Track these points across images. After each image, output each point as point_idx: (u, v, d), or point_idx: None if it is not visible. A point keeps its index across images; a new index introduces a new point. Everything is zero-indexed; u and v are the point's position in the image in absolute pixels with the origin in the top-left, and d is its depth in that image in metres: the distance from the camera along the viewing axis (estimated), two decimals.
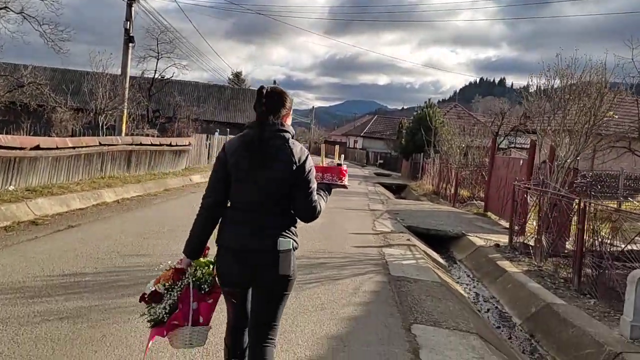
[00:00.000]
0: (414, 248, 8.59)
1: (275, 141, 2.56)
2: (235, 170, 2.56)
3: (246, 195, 2.56)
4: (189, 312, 2.59)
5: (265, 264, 2.54)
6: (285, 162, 2.54)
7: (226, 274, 2.61)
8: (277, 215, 2.58)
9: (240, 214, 2.58)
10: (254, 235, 2.53)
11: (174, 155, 19.90)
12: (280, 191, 2.55)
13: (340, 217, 11.33)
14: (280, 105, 2.62)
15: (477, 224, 12.87)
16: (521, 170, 12.78)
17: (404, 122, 51.15)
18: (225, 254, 2.59)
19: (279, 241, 2.53)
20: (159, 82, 32.07)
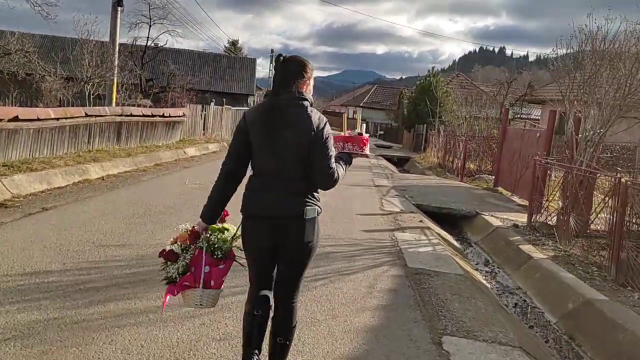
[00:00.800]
0: (428, 232, 7.76)
1: (293, 108, 2.59)
2: (255, 138, 2.61)
3: (267, 163, 2.62)
4: (201, 274, 2.66)
5: (292, 231, 2.61)
6: (303, 128, 2.57)
7: (252, 241, 2.68)
8: (298, 182, 2.61)
9: (263, 182, 2.63)
10: (278, 202, 2.59)
11: (167, 126, 18.93)
12: (300, 158, 2.58)
13: (346, 194, 10.48)
14: (298, 74, 2.65)
15: (489, 200, 12.05)
16: (538, 143, 11.89)
17: (404, 92, 50.02)
18: (251, 221, 2.65)
19: (305, 210, 2.60)
20: (152, 50, 30.83)
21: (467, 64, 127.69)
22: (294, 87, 2.62)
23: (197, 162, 14.74)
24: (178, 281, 2.69)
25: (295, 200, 2.61)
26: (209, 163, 14.48)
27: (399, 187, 12.64)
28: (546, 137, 11.33)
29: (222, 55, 39.05)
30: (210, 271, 2.71)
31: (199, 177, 11.06)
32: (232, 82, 35.95)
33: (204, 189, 9.35)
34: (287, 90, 2.61)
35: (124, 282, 4.27)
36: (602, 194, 7.93)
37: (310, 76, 2.73)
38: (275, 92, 2.64)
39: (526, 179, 12.24)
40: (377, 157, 23.38)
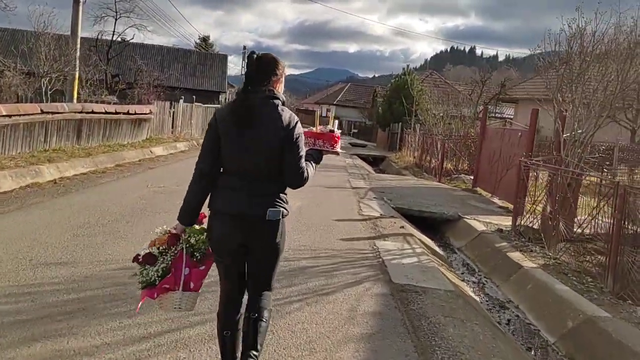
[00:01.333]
0: (411, 239, 7.20)
1: (264, 107, 2.56)
2: (225, 137, 2.57)
3: (236, 162, 2.58)
4: (181, 277, 2.61)
5: (255, 231, 2.58)
6: (274, 128, 2.53)
7: (218, 240, 2.64)
8: (267, 182, 2.59)
9: (231, 180, 2.59)
10: (245, 202, 2.55)
11: (132, 124, 18.01)
12: (270, 157, 2.55)
13: (321, 197, 9.87)
14: (270, 72, 2.61)
15: (470, 202, 11.60)
16: (519, 143, 11.49)
17: (378, 91, 49.75)
18: (217, 219, 2.61)
19: (268, 211, 2.55)
20: (119, 44, 29.70)
21: (438, 64, 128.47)
22: (266, 85, 2.58)
23: (163, 162, 13.90)
24: (158, 284, 2.61)
25: (261, 200, 2.57)
26: (175, 164, 13.67)
27: (376, 188, 12.08)
28: (528, 136, 10.92)
29: (192, 51, 37.98)
30: (190, 273, 2.66)
31: (163, 179, 10.28)
32: (203, 79, 34.96)
33: (168, 192, 8.58)
34: (258, 88, 2.57)
35: (59, 313, 3.54)
36: (591, 196, 7.52)
37: (282, 74, 2.68)
38: (247, 90, 2.59)
39: (508, 180, 11.84)
40: (352, 156, 22.83)
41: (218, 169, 2.65)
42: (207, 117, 27.92)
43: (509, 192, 11.78)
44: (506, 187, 11.91)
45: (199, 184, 2.65)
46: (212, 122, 2.67)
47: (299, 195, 9.89)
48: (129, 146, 16.36)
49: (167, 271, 2.63)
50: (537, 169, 8.65)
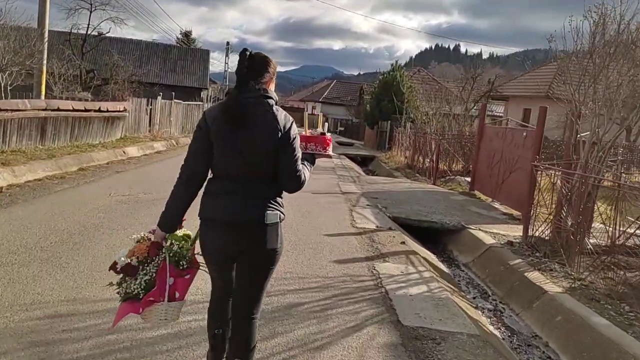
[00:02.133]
0: (415, 259, 6.16)
1: (258, 107, 2.44)
2: (217, 138, 2.43)
3: (230, 165, 2.44)
4: (166, 288, 2.47)
5: (253, 236, 2.45)
6: (269, 129, 2.42)
7: (211, 248, 2.49)
8: (262, 185, 2.46)
9: (224, 185, 2.46)
10: (240, 207, 2.42)
11: (105, 123, 16.79)
12: (265, 160, 2.43)
13: (309, 205, 8.79)
14: (263, 70, 2.50)
15: (471, 208, 10.63)
16: (524, 143, 10.53)
17: (365, 88, 48.80)
18: (211, 226, 2.47)
19: (266, 214, 2.43)
20: (93, 38, 28.32)
21: (423, 61, 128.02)
22: (259, 84, 2.47)
23: (135, 164, 12.70)
24: (142, 297, 2.45)
25: (257, 204, 2.44)
26: (149, 166, 12.49)
27: (369, 193, 11.04)
28: (536, 137, 9.96)
29: (172, 46, 36.58)
30: (175, 283, 2.50)
31: (132, 184, 9.12)
32: (184, 75, 33.63)
33: (133, 202, 7.43)
34: (251, 88, 2.44)
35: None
36: (606, 202, 6.57)
37: (274, 72, 2.57)
38: (239, 89, 2.44)
39: (511, 185, 10.89)
40: (340, 156, 21.78)
41: (206, 172, 2.51)
42: (188, 114, 26.65)
43: (512, 197, 10.84)
44: (509, 192, 10.96)
45: (185, 188, 2.50)
46: (201, 123, 2.49)
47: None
48: (100, 146, 15.15)
49: (152, 284, 2.47)
50: (554, 173, 7.66)
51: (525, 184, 10.22)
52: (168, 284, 2.49)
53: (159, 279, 2.48)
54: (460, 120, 17.98)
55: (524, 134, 10.68)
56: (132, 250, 2.55)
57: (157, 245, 2.52)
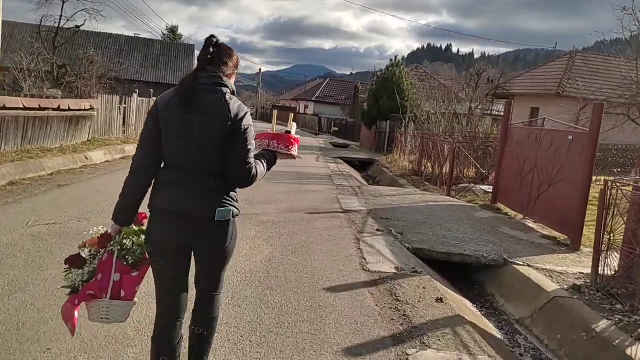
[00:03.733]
0: (468, 337, 3.95)
1: (211, 94, 2.34)
2: (166, 125, 2.33)
3: (179, 153, 2.34)
4: (109, 283, 2.33)
5: (203, 233, 2.35)
6: (219, 116, 2.32)
7: (157, 242, 2.36)
8: (212, 177, 2.34)
9: (173, 175, 2.35)
10: (189, 199, 2.31)
11: (67, 123, 14.55)
12: (214, 150, 2.32)
13: (304, 233, 6.65)
14: (226, 59, 2.43)
15: (503, 230, 8.52)
16: (570, 150, 8.43)
17: (359, 86, 46.86)
18: (157, 219, 2.36)
19: (217, 211, 2.32)
20: (66, 31, 26.06)
21: (414, 60, 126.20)
22: (218, 72, 2.38)
23: (92, 173, 10.46)
24: (80, 290, 2.31)
25: (207, 198, 2.32)
26: (107, 176, 10.25)
27: (376, 212, 8.87)
28: (589, 142, 7.86)
29: (154, 41, 34.19)
30: (121, 280, 2.35)
31: (68, 206, 6.91)
32: (167, 71, 31.32)
33: (58, 234, 4.13)
34: (208, 75, 2.35)
35: None
36: None
37: (236, 66, 2.49)
38: (196, 75, 2.36)
39: (551, 200, 8.78)
40: (335, 160, 19.58)
41: (158, 161, 2.38)
42: None
43: (553, 215, 8.73)
44: (548, 209, 8.86)
45: (134, 178, 2.37)
46: (152, 109, 2.39)
47: (268, 232, 6.65)
48: (58, 151, 12.94)
49: (93, 275, 2.33)
50: None
51: (573, 201, 8.15)
52: (112, 279, 2.33)
53: (101, 272, 2.34)
54: (472, 120, 15.91)
55: (570, 138, 8.56)
56: (85, 241, 2.44)
57: (106, 238, 2.40)
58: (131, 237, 2.42)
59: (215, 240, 2.36)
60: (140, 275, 2.43)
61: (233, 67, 2.45)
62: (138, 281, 2.43)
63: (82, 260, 2.37)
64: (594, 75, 28.09)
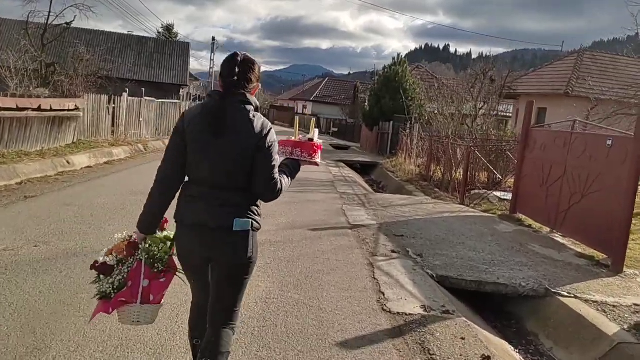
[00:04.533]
0: None
1: (237, 113, 2.35)
2: (192, 141, 2.37)
3: (203, 169, 2.37)
4: (139, 289, 2.43)
5: (222, 244, 2.36)
6: (244, 136, 2.33)
7: (183, 252, 2.46)
8: (235, 192, 2.37)
9: (196, 190, 2.40)
10: (210, 212, 2.34)
11: (49, 124, 13.50)
12: (239, 166, 2.34)
13: (305, 257, 5.60)
14: (250, 75, 2.40)
15: (533, 247, 7.49)
16: (609, 156, 7.40)
17: (359, 86, 45.88)
18: (183, 230, 2.43)
19: (235, 221, 2.33)
20: (55, 28, 24.97)
21: (413, 60, 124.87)
22: (245, 90, 2.39)
23: (65, 182, 9.37)
24: (113, 297, 2.40)
25: (227, 211, 2.34)
26: (81, 185, 9.15)
27: (388, 226, 7.82)
28: (635, 149, 6.82)
29: (148, 39, 32.99)
30: (149, 285, 2.45)
31: (25, 226, 5.82)
32: (161, 70, 30.19)
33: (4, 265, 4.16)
34: (234, 93, 2.36)
35: None
36: None
37: (259, 80, 2.48)
38: (221, 93, 2.39)
39: (586, 213, 7.74)
40: (337, 163, 18.53)
41: (181, 175, 2.44)
42: (163, 114, 23.19)
43: (589, 231, 7.68)
44: (583, 223, 7.81)
45: (158, 190, 2.44)
46: (178, 123, 2.43)
47: (265, 257, 5.55)
48: (36, 155, 11.92)
49: (123, 284, 2.41)
50: None
51: (615, 215, 7.11)
52: (142, 285, 2.42)
53: (132, 279, 2.41)
54: (486, 121, 14.88)
55: (609, 143, 7.51)
56: (110, 249, 2.50)
57: (133, 246, 2.46)
58: (156, 245, 2.47)
59: (235, 251, 2.35)
60: (168, 280, 2.52)
61: (256, 81, 2.44)
62: (165, 286, 2.52)
63: (110, 268, 2.42)
64: (603, 74, 27.13)
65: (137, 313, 2.42)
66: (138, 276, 2.42)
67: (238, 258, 2.36)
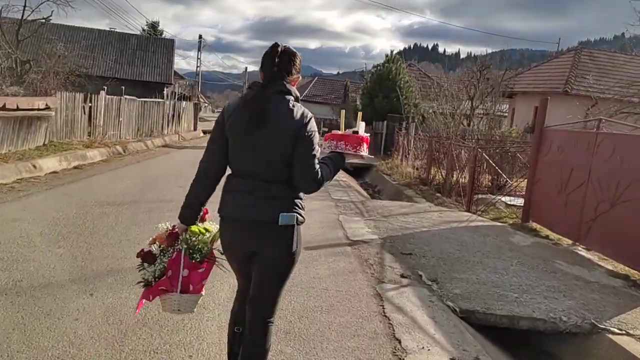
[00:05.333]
0: None
1: (276, 103, 2.32)
2: (232, 133, 2.35)
3: (244, 161, 2.35)
4: (178, 278, 2.45)
5: (266, 238, 2.33)
6: (285, 126, 2.29)
7: (227, 245, 2.46)
8: (277, 184, 2.32)
9: (239, 182, 2.37)
10: (253, 205, 2.31)
11: (16, 125, 12.39)
12: (280, 157, 2.29)
13: (298, 287, 4.56)
14: (290, 66, 2.39)
15: (560, 265, 6.52)
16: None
17: (349, 85, 45.06)
18: (226, 224, 2.42)
19: (280, 215, 2.30)
20: (32, 23, 23.72)
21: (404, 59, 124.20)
22: (284, 81, 2.36)
23: (22, 191, 8.21)
24: (154, 285, 2.44)
25: (271, 204, 2.30)
26: (37, 196, 8.00)
27: (392, 241, 6.78)
28: None
29: (130, 35, 31.65)
30: (189, 275, 2.47)
31: None
32: (144, 68, 28.95)
33: None
34: (276, 84, 2.34)
35: None
36: None
37: (299, 72, 2.46)
38: (265, 85, 2.35)
39: (617, 224, 6.78)
40: None
41: (224, 168, 2.43)
42: (145, 114, 21.96)
43: (621, 245, 6.70)
44: (614, 236, 6.85)
45: (199, 183, 2.43)
46: (219, 118, 2.42)
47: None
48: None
49: (164, 272, 2.44)
50: None
51: None
52: (181, 275, 2.42)
53: (171, 269, 2.42)
54: (492, 121, 13.97)
55: None
56: (154, 238, 2.52)
57: (173, 236, 2.46)
58: (196, 236, 2.45)
59: (280, 245, 2.32)
60: (207, 271, 2.52)
61: (297, 73, 2.42)
62: (205, 276, 2.51)
63: (154, 256, 2.44)
64: (601, 72, 26.41)
65: (178, 302, 2.43)
66: (177, 266, 2.42)
67: (283, 252, 2.32)
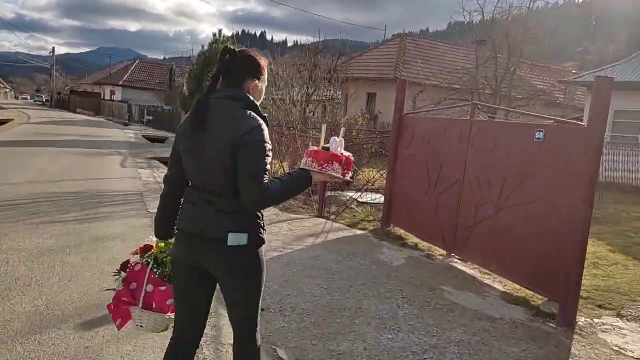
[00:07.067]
0: None
1: (220, 108, 2.12)
2: (180, 139, 2.22)
3: (192, 173, 2.18)
4: (141, 292, 2.31)
5: (216, 258, 2.11)
6: (228, 133, 2.07)
7: (174, 261, 2.26)
8: (226, 197, 2.09)
9: (191, 194, 2.20)
10: (201, 219, 2.12)
11: None
12: (225, 169, 2.07)
13: None
14: (241, 72, 2.19)
15: (449, 294, 5.12)
16: (540, 152, 5.24)
17: (175, 69, 41.56)
18: (177, 237, 2.25)
19: (229, 235, 2.06)
20: None
21: None
22: (233, 85, 2.18)
23: None
24: (115, 294, 2.35)
25: (221, 219, 2.08)
26: None
27: None
28: (590, 144, 4.66)
29: None
30: (153, 291, 2.31)
31: None
32: None
33: None
34: (224, 89, 2.18)
35: None
36: None
37: (261, 75, 2.25)
38: (209, 90, 2.18)
39: (504, 234, 5.50)
40: (150, 163, 14.58)
41: (181, 179, 2.24)
42: None
43: (513, 260, 5.43)
44: (503, 248, 5.57)
45: (166, 195, 2.31)
46: (178, 127, 2.29)
47: None
48: None
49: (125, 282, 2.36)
50: None
51: (558, 239, 4.98)
52: (145, 289, 2.30)
53: (136, 281, 2.32)
54: (335, 108, 12.53)
55: (539, 136, 5.30)
56: (137, 249, 2.46)
57: (147, 248, 2.40)
58: (162, 252, 2.36)
59: (229, 266, 2.10)
60: (169, 290, 2.33)
61: (252, 77, 2.20)
62: (166, 296, 2.34)
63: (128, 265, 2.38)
64: (425, 60, 27.22)
65: (140, 318, 2.30)
66: (142, 279, 2.31)
67: (235, 275, 2.12)
